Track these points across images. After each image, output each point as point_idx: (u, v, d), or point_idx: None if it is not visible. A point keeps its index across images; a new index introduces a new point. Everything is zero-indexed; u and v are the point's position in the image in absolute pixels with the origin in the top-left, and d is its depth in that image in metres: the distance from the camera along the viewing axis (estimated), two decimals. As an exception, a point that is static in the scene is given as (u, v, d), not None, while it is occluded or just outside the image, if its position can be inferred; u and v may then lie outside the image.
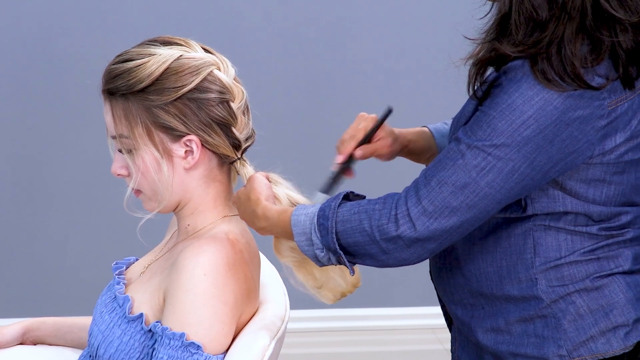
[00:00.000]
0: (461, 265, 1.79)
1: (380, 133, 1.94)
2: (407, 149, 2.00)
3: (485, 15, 1.72)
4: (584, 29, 1.63)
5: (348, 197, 1.76)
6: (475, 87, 1.71)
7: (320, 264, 1.75)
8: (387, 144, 1.95)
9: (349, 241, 1.70)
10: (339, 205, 1.72)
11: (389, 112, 1.93)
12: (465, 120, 1.72)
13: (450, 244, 1.70)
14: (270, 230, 1.79)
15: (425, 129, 2.04)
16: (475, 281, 1.78)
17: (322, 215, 1.72)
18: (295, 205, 1.81)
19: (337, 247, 1.71)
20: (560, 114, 1.62)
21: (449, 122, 2.06)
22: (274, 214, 1.78)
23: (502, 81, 1.66)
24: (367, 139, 1.93)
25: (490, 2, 1.72)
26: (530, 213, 1.72)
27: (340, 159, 1.91)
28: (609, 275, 1.73)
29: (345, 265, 1.73)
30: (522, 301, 1.74)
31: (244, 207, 1.82)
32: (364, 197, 1.77)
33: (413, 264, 1.71)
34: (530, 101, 1.62)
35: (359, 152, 1.92)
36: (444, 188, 1.65)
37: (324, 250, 1.72)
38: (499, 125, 1.63)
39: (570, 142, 1.65)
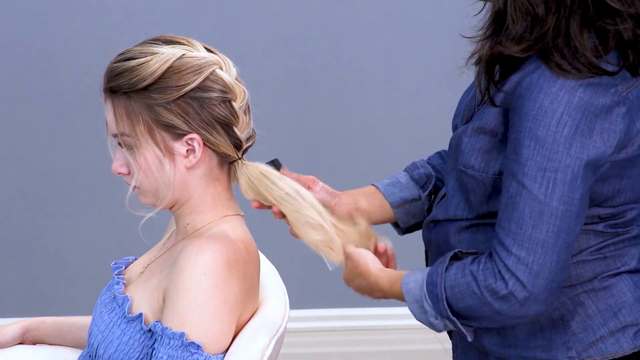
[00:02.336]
0: None
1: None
2: (360, 209, 1.96)
3: (479, 12, 1.72)
4: (588, 21, 1.64)
5: (457, 256, 1.72)
6: (491, 92, 1.68)
7: (437, 330, 1.72)
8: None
9: (460, 306, 1.66)
10: (446, 269, 1.68)
11: (274, 164, 1.89)
12: (489, 129, 1.69)
13: (558, 285, 1.63)
14: (387, 297, 1.77)
15: (372, 187, 2.01)
16: None
17: (431, 282, 1.68)
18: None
19: (450, 314, 1.67)
20: (586, 104, 1.61)
21: (399, 174, 2.01)
22: (386, 285, 1.76)
23: (520, 91, 1.64)
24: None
25: (483, 1, 1.72)
26: None
27: None
28: (616, 274, 1.73)
29: (462, 331, 1.69)
30: None
31: (357, 283, 1.81)
32: (474, 254, 1.72)
33: (533, 318, 1.66)
34: (556, 98, 1.61)
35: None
36: (525, 225, 1.61)
37: (438, 317, 1.69)
38: (539, 132, 1.61)
39: (608, 136, 1.63)
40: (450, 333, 1.91)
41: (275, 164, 1.88)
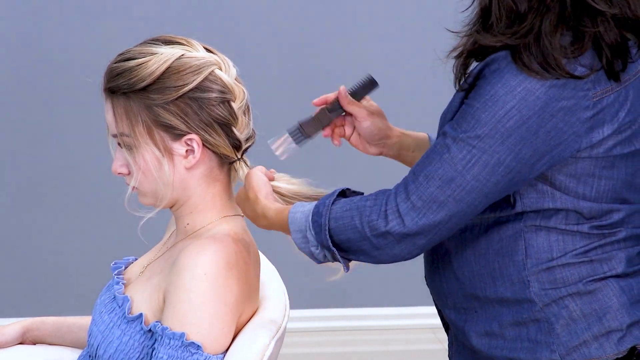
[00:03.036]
0: (454, 269, 1.78)
1: (366, 102, 2.01)
2: (398, 142, 2.01)
3: (467, 8, 1.72)
4: (564, 20, 1.63)
5: (344, 194, 1.76)
6: (461, 81, 1.71)
7: (317, 261, 1.75)
8: (370, 110, 2.00)
9: (341, 238, 1.71)
10: (333, 203, 1.73)
11: (370, 82, 1.97)
12: (451, 115, 1.72)
13: (440, 240, 1.70)
14: (271, 227, 1.80)
15: (425, 134, 2.06)
16: (469, 284, 1.76)
17: (317, 213, 1.72)
18: (299, 198, 1.82)
19: (331, 244, 1.71)
20: (543, 104, 1.62)
21: None
22: (272, 213, 1.78)
23: (485, 73, 1.66)
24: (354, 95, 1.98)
25: None
26: (520, 210, 1.71)
27: (318, 101, 2.02)
28: (603, 278, 1.71)
29: (340, 262, 1.73)
30: (515, 304, 1.72)
31: (244, 206, 1.83)
32: (361, 194, 1.77)
33: (405, 260, 1.72)
34: (512, 92, 1.62)
35: (342, 89, 1.98)
36: (431, 182, 1.65)
37: (319, 247, 1.73)
38: (483, 116, 1.63)
39: (555, 134, 1.64)
40: (446, 331, 1.91)
41: (371, 83, 2.01)
